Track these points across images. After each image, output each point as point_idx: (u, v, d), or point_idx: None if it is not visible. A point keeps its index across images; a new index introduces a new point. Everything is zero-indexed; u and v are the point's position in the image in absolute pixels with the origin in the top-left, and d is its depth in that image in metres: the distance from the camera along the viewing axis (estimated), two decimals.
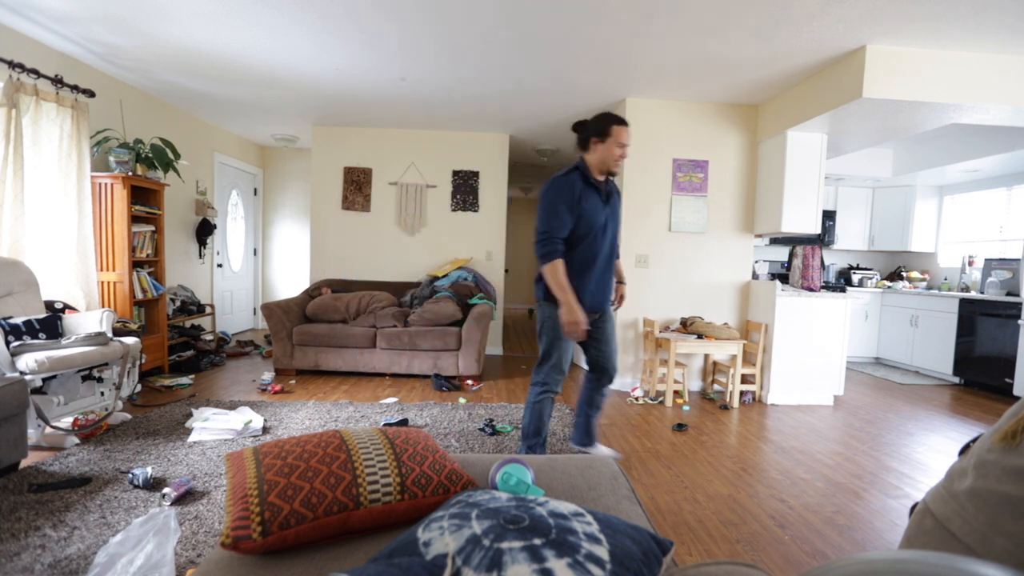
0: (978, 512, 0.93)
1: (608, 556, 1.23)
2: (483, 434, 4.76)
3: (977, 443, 1.05)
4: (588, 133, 3.71)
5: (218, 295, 9.05)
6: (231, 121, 8.41)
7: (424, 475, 1.84)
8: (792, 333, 6.14)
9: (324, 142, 8.39)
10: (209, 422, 4.58)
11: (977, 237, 8.49)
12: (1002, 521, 0.89)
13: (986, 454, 0.98)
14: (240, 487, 1.73)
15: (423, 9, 4.49)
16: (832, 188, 9.24)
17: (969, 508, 0.95)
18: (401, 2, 4.38)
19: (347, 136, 8.39)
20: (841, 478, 4.13)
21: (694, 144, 6.60)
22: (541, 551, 1.19)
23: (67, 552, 2.71)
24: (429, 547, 1.27)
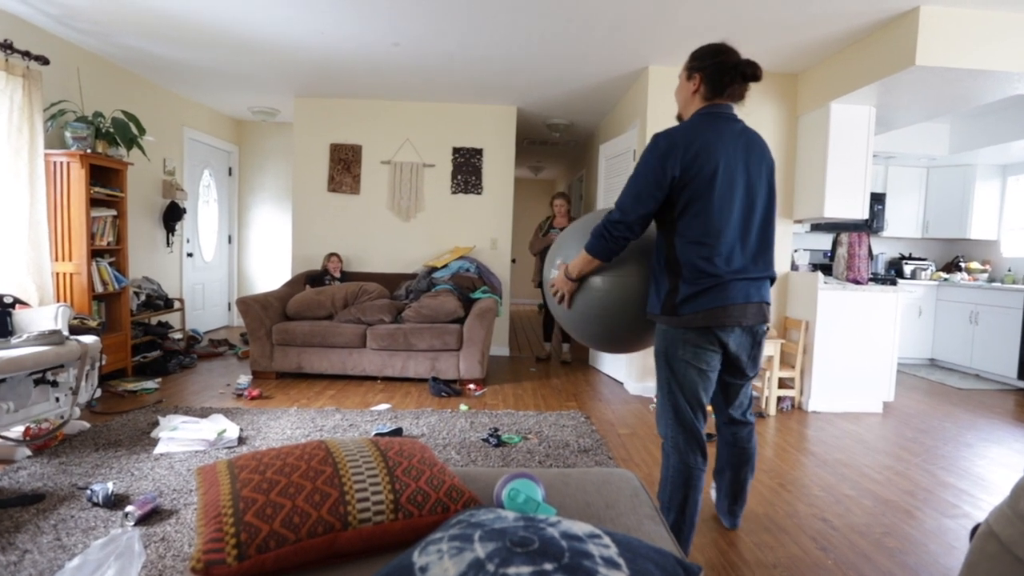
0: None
1: None
2: (487, 445, 4.76)
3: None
4: None
5: (188, 288, 9.06)
6: (203, 92, 8.41)
7: (420, 491, 1.84)
8: (836, 331, 6.12)
9: (308, 116, 8.39)
10: (178, 432, 4.58)
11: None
12: None
13: None
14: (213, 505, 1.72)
15: None
16: (881, 168, 9.21)
17: None
18: None
19: (334, 109, 8.38)
20: (891, 495, 4.11)
21: None
22: None
23: None
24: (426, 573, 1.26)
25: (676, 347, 2.91)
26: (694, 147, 2.81)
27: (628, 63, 6.42)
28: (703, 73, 2.96)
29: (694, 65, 3.00)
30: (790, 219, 6.68)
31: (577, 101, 8.04)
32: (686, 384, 2.93)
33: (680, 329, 2.87)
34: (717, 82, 2.94)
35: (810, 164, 6.34)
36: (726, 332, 2.86)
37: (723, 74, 2.92)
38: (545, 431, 5.16)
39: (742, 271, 2.86)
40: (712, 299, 2.81)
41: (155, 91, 7.98)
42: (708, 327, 2.84)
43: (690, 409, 2.95)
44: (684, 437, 2.97)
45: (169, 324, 7.68)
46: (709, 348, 2.89)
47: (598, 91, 7.54)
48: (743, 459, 3.34)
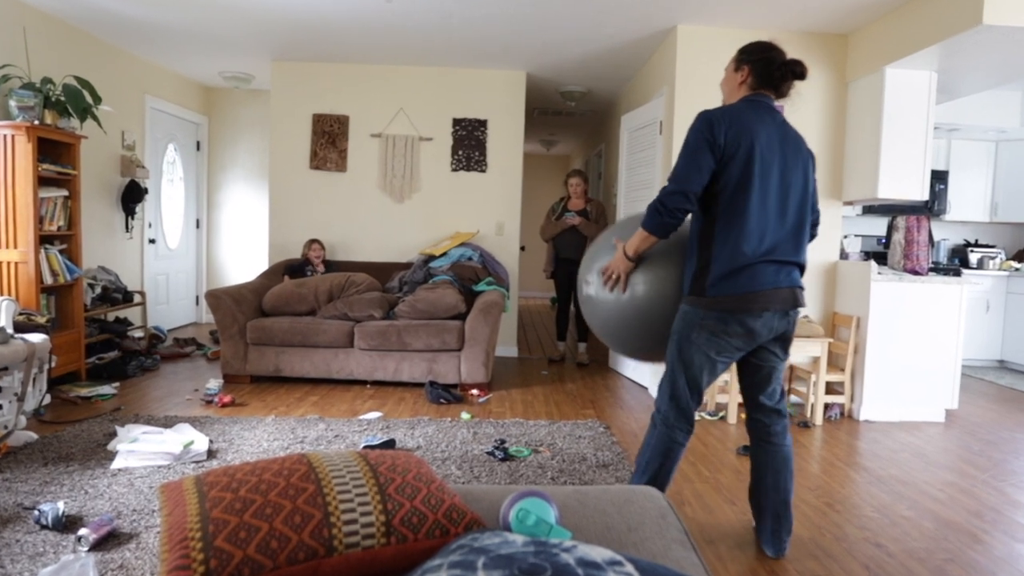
0: None
1: None
2: (493, 459, 4.77)
3: None
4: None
5: (150, 280, 9.08)
6: (168, 55, 8.41)
7: (416, 512, 1.83)
8: (892, 329, 6.10)
9: (287, 82, 8.39)
10: (138, 444, 4.59)
11: None
12: None
13: None
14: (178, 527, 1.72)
15: None
16: (943, 142, 9.17)
17: None
18: None
19: (317, 75, 8.38)
20: (955, 516, 4.10)
21: None
22: None
23: None
24: None
25: (692, 330, 3.23)
26: (736, 125, 3.16)
27: (654, 22, 6.40)
28: (752, 66, 3.38)
29: (743, 58, 3.42)
30: (839, 201, 6.66)
31: (595, 65, 8.02)
32: (692, 368, 3.29)
33: (702, 311, 3.19)
34: (766, 76, 3.35)
35: (861, 138, 6.32)
36: (753, 317, 3.16)
37: (773, 69, 3.35)
38: (559, 443, 5.16)
39: (771, 254, 3.17)
40: (742, 283, 3.13)
41: (113, 54, 7.98)
42: (732, 311, 3.14)
43: (688, 392, 3.34)
44: (675, 414, 3.38)
45: (128, 321, 7.70)
46: (726, 337, 3.20)
47: (619, 54, 7.52)
48: (781, 462, 3.50)
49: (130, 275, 8.55)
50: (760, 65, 3.35)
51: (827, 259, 6.68)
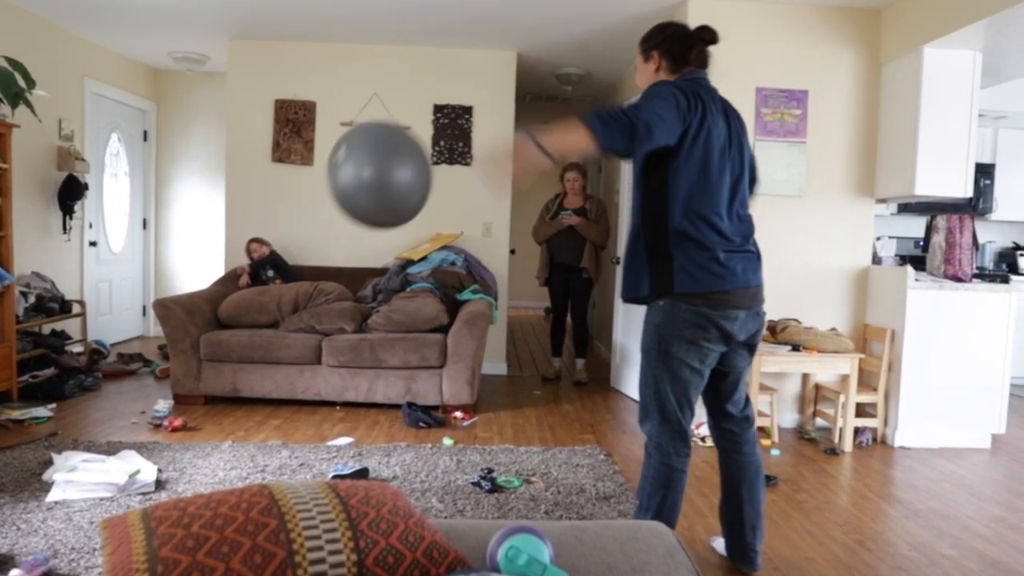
0: None
1: None
2: (479, 491, 4.77)
3: None
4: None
5: (91, 287, 9.07)
6: (111, 33, 8.41)
7: (392, 550, 1.84)
8: (931, 343, 6.12)
9: (246, 64, 8.40)
10: (77, 473, 4.57)
11: None
12: None
13: None
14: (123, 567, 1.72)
15: None
16: (989, 131, 9.20)
17: None
18: None
19: (280, 55, 8.39)
20: (1003, 555, 4.12)
21: (787, 67, 6.59)
22: None
23: None
24: None
25: (670, 344, 3.28)
26: (698, 98, 3.24)
27: None
28: (659, 50, 3.48)
29: (647, 46, 3.53)
30: (871, 198, 6.69)
31: (595, 45, 8.05)
32: (678, 384, 3.34)
33: (675, 319, 3.25)
34: (677, 54, 3.46)
35: (897, 126, 6.34)
36: (729, 320, 3.26)
37: (680, 43, 3.47)
38: (553, 472, 5.18)
39: (736, 245, 3.29)
40: (712, 279, 3.21)
41: (49, 32, 7.98)
42: (707, 316, 3.22)
43: (679, 410, 3.37)
44: (670, 437, 3.40)
45: (66, 334, 7.69)
46: (706, 343, 3.27)
47: (622, 33, 7.54)
48: (754, 473, 3.66)
49: (68, 282, 8.52)
50: (666, 45, 3.44)
51: (858, 264, 6.70)
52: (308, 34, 8.04)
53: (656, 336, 3.33)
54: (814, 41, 6.56)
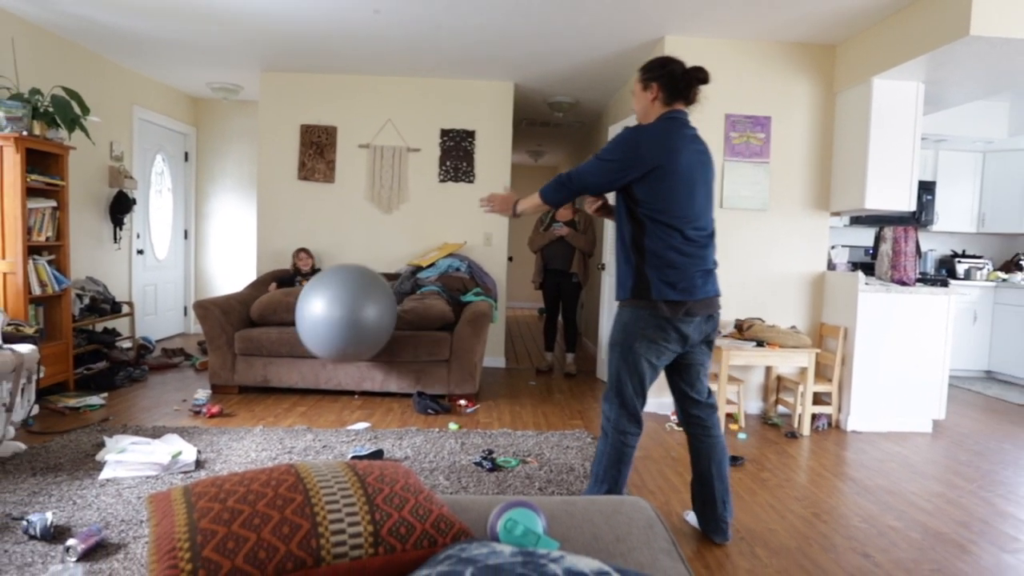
0: None
1: None
2: (480, 470, 4.77)
3: None
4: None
5: (138, 290, 9.06)
6: (156, 66, 8.40)
7: (404, 522, 1.84)
8: (879, 340, 6.13)
9: (275, 93, 8.39)
10: (127, 454, 4.58)
11: None
12: None
13: None
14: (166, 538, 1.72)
15: None
16: (931, 152, 9.20)
17: None
18: None
19: (305, 85, 8.38)
20: (943, 527, 4.12)
21: (753, 96, 6.59)
22: None
23: None
24: None
25: (634, 340, 3.52)
26: (666, 143, 3.44)
27: (642, 33, 6.42)
28: (659, 82, 3.56)
29: (649, 76, 3.60)
30: (826, 211, 6.69)
31: (583, 77, 8.04)
32: (636, 376, 3.57)
33: (642, 321, 3.50)
34: (674, 88, 3.55)
35: (849, 148, 6.34)
36: (686, 323, 3.48)
37: (678, 80, 3.55)
38: (546, 453, 5.17)
39: (699, 263, 3.50)
40: (678, 291, 3.44)
41: (101, 65, 7.97)
42: (669, 319, 3.45)
43: (635, 397, 3.61)
44: (627, 420, 3.64)
45: (117, 331, 7.68)
46: (664, 343, 3.51)
47: (607, 65, 7.54)
48: (721, 452, 3.80)
49: (118, 286, 8.53)
50: (666, 79, 3.54)
51: (814, 270, 6.70)
52: (330, 67, 8.03)
53: (624, 334, 3.57)
54: (776, 73, 6.57)
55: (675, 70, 3.56)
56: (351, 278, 4.15)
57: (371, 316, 3.85)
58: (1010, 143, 8.80)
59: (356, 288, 4.11)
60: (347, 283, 4.19)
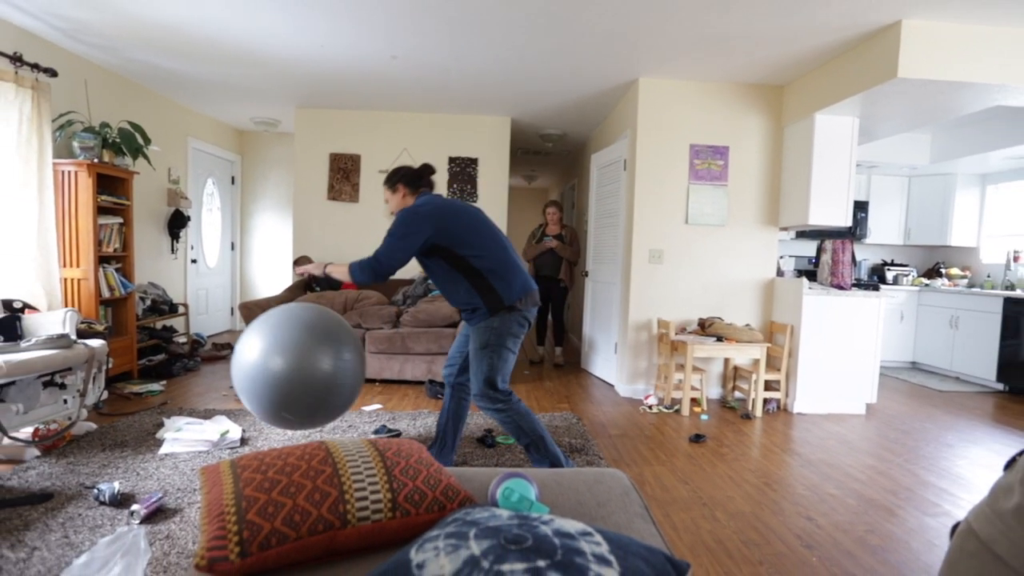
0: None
1: None
2: (482, 446, 4.77)
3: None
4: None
5: (192, 293, 9.05)
6: (206, 103, 8.41)
7: (417, 491, 1.84)
8: (820, 335, 6.13)
9: (308, 126, 8.39)
10: (182, 432, 4.58)
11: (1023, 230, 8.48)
12: None
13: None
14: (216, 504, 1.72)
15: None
16: (864, 177, 9.22)
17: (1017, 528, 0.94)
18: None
19: (333, 119, 8.39)
20: (874, 494, 4.12)
21: (713, 128, 6.59)
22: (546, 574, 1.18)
23: (27, 575, 2.71)
24: (423, 569, 1.26)
25: (507, 338, 3.80)
26: (447, 209, 3.76)
27: (619, 75, 6.44)
28: (403, 183, 3.95)
29: (392, 182, 3.98)
30: (776, 227, 6.69)
31: (570, 112, 8.06)
32: (507, 364, 3.86)
33: (509, 322, 3.78)
34: (415, 183, 3.97)
35: (795, 173, 6.36)
36: (530, 312, 3.88)
37: (416, 178, 3.97)
38: None
39: (518, 266, 3.84)
40: (523, 285, 3.81)
41: (160, 102, 7.98)
42: (523, 312, 3.82)
43: (505, 378, 3.87)
44: (501, 394, 3.85)
45: (174, 328, 7.67)
46: (521, 334, 3.88)
47: (590, 102, 7.55)
48: (466, 408, 4.30)
49: (175, 289, 8.52)
50: (406, 180, 3.94)
51: (765, 276, 6.70)
52: (355, 104, 8.03)
53: (495, 335, 3.82)
54: (733, 109, 6.57)
55: (409, 171, 3.97)
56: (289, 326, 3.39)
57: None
58: (931, 169, 8.81)
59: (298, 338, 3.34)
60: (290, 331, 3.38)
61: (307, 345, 3.21)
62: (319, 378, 3.22)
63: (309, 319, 3.36)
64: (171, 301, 7.71)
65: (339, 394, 3.36)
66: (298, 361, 3.17)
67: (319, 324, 3.36)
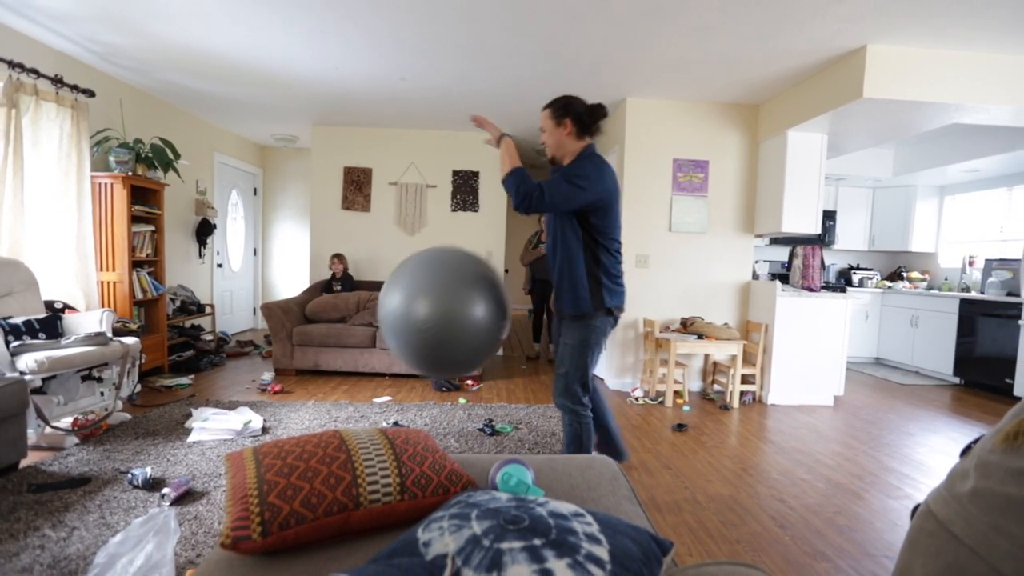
0: (980, 514, 0.93)
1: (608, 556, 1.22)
2: (483, 434, 4.76)
3: (978, 444, 1.04)
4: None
5: (218, 295, 9.05)
6: (231, 120, 8.41)
7: (424, 475, 1.84)
8: (792, 333, 6.13)
9: (324, 142, 8.39)
10: (208, 422, 4.58)
11: (978, 237, 8.48)
12: (1005, 523, 0.89)
13: (988, 455, 0.98)
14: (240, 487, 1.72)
15: (416, 10, 4.49)
16: (832, 188, 9.23)
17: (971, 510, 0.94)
18: (397, 2, 4.38)
19: (347, 136, 8.39)
20: (842, 479, 4.12)
21: (694, 144, 6.60)
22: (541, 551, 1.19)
23: (66, 552, 2.71)
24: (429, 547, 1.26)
25: (602, 337, 3.37)
26: (609, 175, 3.18)
27: (609, 95, 6.44)
28: (572, 118, 3.26)
29: (561, 113, 3.28)
30: (752, 234, 6.69)
31: None
32: (593, 366, 3.44)
33: (605, 323, 3.33)
34: (586, 125, 3.28)
35: (769, 185, 6.36)
36: (617, 320, 3.41)
37: (589, 118, 3.28)
38: (534, 422, 5.16)
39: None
40: (621, 296, 3.35)
41: (189, 119, 7.98)
42: (616, 318, 3.38)
43: (590, 381, 3.49)
44: (585, 396, 3.48)
45: (201, 327, 7.66)
46: (609, 336, 3.45)
47: None
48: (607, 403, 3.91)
49: (202, 291, 8.52)
50: (577, 116, 3.26)
51: (742, 279, 6.70)
52: (366, 121, 8.04)
53: (588, 333, 3.37)
54: (713, 126, 6.57)
55: (583, 106, 3.31)
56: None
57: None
58: (894, 181, 8.82)
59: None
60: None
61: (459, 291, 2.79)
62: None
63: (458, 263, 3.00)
64: (199, 302, 7.71)
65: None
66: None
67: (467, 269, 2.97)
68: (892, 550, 3.09)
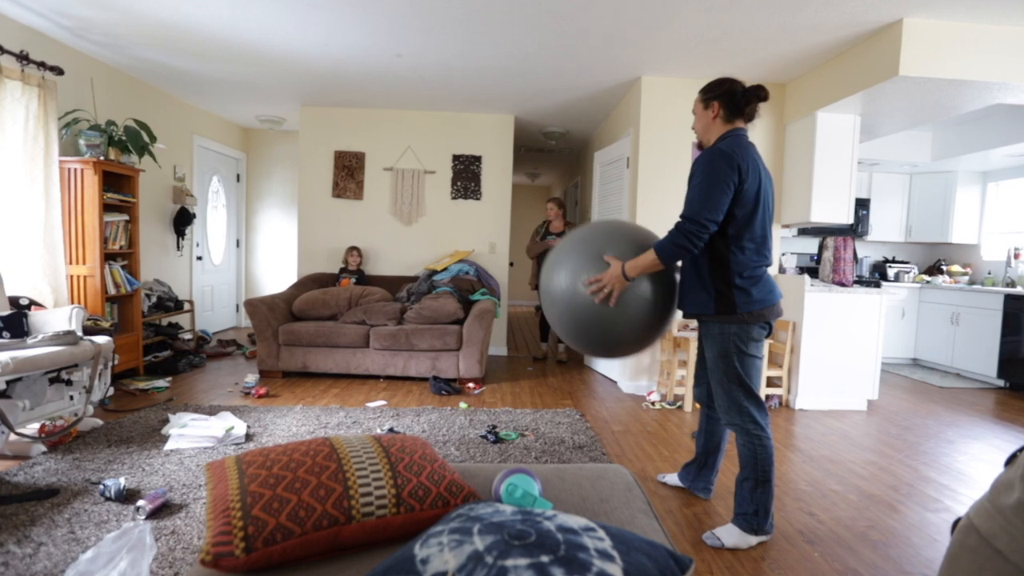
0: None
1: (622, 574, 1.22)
2: (486, 442, 4.76)
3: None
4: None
5: (197, 290, 9.06)
6: (212, 101, 8.42)
7: (422, 486, 1.84)
8: (822, 332, 6.12)
9: (313, 124, 8.40)
10: (187, 429, 4.58)
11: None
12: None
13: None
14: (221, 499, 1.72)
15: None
16: (866, 174, 9.22)
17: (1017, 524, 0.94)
18: None
19: (338, 117, 8.40)
20: (875, 490, 4.12)
21: None
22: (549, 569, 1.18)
23: (33, 570, 2.71)
24: (427, 564, 1.26)
25: (747, 344, 3.20)
26: (747, 162, 3.09)
27: (622, 73, 6.43)
28: (720, 100, 3.26)
29: (709, 96, 3.30)
30: (778, 223, 6.68)
31: (573, 110, 8.05)
32: (753, 376, 3.26)
33: (747, 327, 3.16)
34: (734, 106, 3.25)
35: (797, 170, 6.35)
36: (770, 323, 3.22)
37: (738, 99, 3.25)
38: (541, 428, 5.16)
39: (768, 270, 3.23)
40: (765, 297, 3.15)
41: (166, 100, 7.98)
42: (767, 319, 3.17)
43: (757, 392, 3.31)
44: (760, 414, 3.28)
45: (179, 325, 7.68)
46: (762, 340, 3.24)
47: (593, 100, 7.55)
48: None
49: (180, 287, 8.53)
50: (726, 98, 3.26)
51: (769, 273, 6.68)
52: (359, 102, 8.04)
53: (731, 341, 3.23)
54: None
55: (735, 88, 3.27)
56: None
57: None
58: (932, 166, 8.80)
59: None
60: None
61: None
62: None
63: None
64: (176, 298, 7.72)
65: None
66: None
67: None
68: (931, 568, 3.09)
